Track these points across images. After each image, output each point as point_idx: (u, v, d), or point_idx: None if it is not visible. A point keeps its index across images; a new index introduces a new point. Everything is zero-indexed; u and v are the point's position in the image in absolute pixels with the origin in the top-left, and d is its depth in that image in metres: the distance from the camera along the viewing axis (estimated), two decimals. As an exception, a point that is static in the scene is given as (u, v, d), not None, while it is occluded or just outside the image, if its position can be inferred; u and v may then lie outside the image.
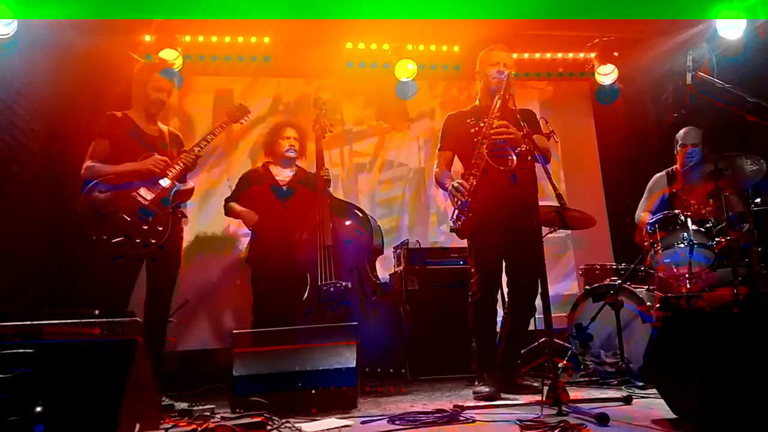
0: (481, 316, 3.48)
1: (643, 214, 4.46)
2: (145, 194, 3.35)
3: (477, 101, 3.74)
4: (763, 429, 2.03)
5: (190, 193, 3.59)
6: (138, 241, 3.26)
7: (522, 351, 3.86)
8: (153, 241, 3.29)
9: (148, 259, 3.39)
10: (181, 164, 3.50)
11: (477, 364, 3.50)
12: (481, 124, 3.47)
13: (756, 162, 3.57)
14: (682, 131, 4.42)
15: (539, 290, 3.36)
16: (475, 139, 3.45)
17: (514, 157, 3.23)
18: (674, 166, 4.46)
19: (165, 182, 3.42)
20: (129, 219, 3.27)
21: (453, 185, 3.41)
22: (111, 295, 3.40)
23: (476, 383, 3.42)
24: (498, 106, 3.40)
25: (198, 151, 3.58)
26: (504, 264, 3.56)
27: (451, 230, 3.51)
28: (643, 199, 4.55)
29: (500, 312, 3.69)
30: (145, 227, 3.29)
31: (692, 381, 2.29)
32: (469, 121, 3.59)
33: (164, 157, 3.45)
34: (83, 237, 3.26)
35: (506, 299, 3.74)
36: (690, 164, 4.21)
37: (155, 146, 3.53)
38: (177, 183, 3.48)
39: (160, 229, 3.32)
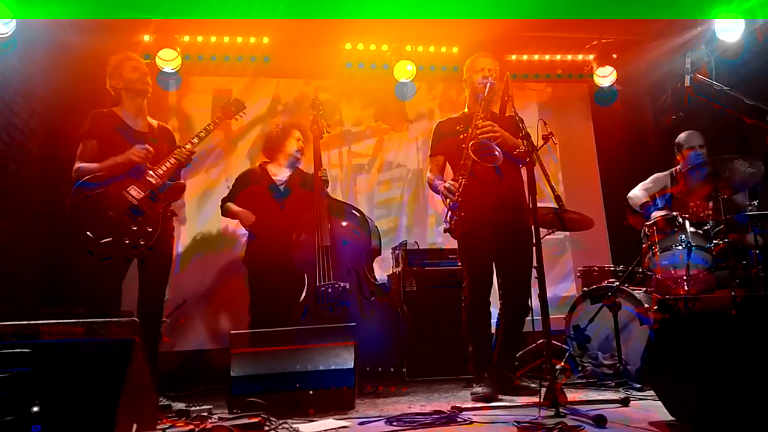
0: (474, 320, 3.49)
1: (639, 193, 4.44)
2: (135, 193, 3.26)
3: (466, 108, 3.77)
4: (761, 431, 2.03)
5: (181, 190, 3.51)
6: (127, 241, 3.17)
7: (520, 352, 3.86)
8: (142, 241, 3.20)
9: (138, 260, 3.32)
10: (174, 160, 3.41)
11: (473, 367, 3.50)
12: (470, 130, 3.51)
13: (754, 164, 3.57)
14: (684, 135, 4.40)
15: (531, 290, 3.39)
16: (464, 145, 3.49)
17: (498, 154, 3.26)
18: (677, 167, 4.45)
19: (154, 180, 3.32)
20: (118, 218, 3.18)
21: (444, 186, 3.47)
22: (97, 294, 3.33)
23: (474, 384, 3.42)
24: (482, 107, 3.46)
25: (191, 147, 3.49)
26: (495, 265, 3.57)
27: (445, 231, 3.54)
28: (643, 182, 4.53)
29: (495, 314, 3.69)
30: (135, 227, 3.20)
31: (690, 383, 2.29)
32: (458, 128, 3.64)
33: (145, 146, 3.33)
34: (75, 234, 3.16)
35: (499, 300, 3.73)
36: (692, 164, 4.21)
37: (144, 142, 3.42)
38: (168, 180, 3.38)
39: (150, 229, 3.24)
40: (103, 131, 3.39)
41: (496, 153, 3.28)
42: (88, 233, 3.11)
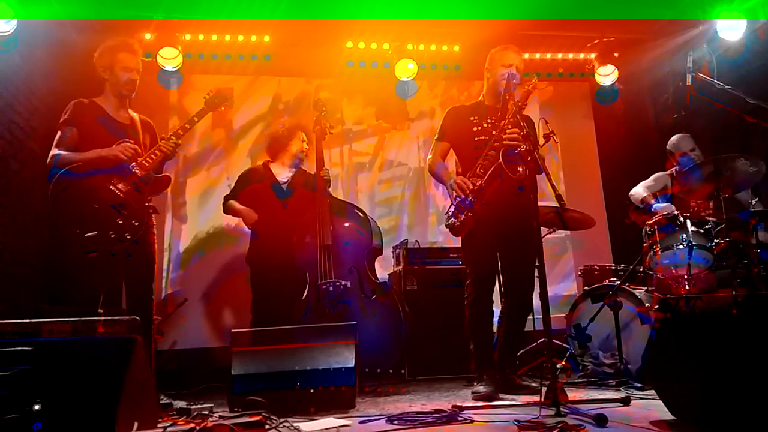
0: (477, 317, 3.47)
1: (641, 190, 4.45)
2: (122, 186, 3.19)
3: (481, 98, 3.68)
4: (762, 431, 2.03)
5: (166, 183, 3.47)
6: (113, 235, 3.11)
7: (521, 351, 3.86)
8: (128, 236, 3.14)
9: (123, 255, 3.22)
10: (159, 152, 3.34)
11: (474, 365, 3.49)
12: (485, 124, 3.46)
13: (755, 163, 3.57)
14: (674, 139, 4.41)
15: (534, 288, 3.36)
16: (476, 138, 3.44)
17: (522, 169, 3.17)
18: (673, 170, 4.46)
19: (139, 172, 3.25)
20: (103, 211, 3.11)
21: (455, 181, 3.38)
22: (85, 292, 3.24)
23: (475, 383, 3.42)
24: (512, 111, 3.28)
25: (176, 138, 3.39)
26: (499, 263, 3.56)
27: (447, 226, 3.48)
28: (645, 180, 4.54)
29: (496, 312, 3.68)
30: (120, 221, 3.14)
31: (691, 382, 2.29)
32: (472, 118, 3.54)
33: (133, 144, 3.28)
34: (57, 226, 3.11)
35: (501, 299, 3.72)
36: (687, 168, 4.21)
37: (126, 134, 3.36)
38: (153, 173, 3.32)
39: (136, 224, 3.18)
40: (85, 121, 3.32)
41: (520, 170, 3.18)
42: (74, 229, 3.06)
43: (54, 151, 3.24)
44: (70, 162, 3.16)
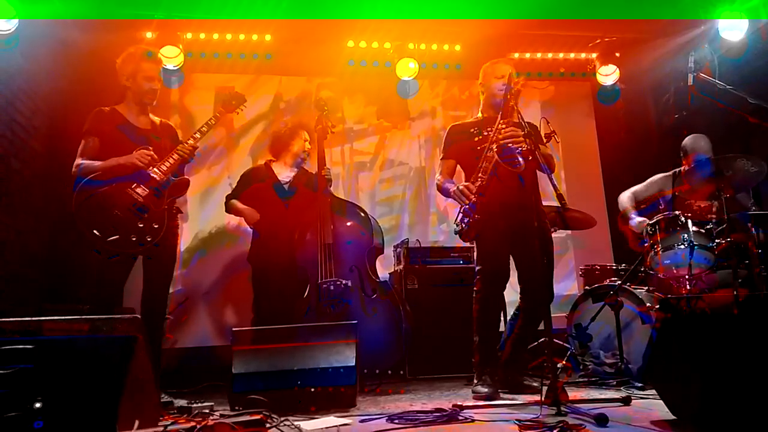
0: (484, 313, 3.48)
1: (625, 199, 4.40)
2: (141, 190, 3.27)
3: (480, 113, 3.74)
4: (762, 431, 2.03)
5: (185, 186, 3.50)
6: (134, 239, 3.19)
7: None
8: (149, 238, 3.22)
9: (144, 257, 3.33)
10: (177, 156, 3.42)
11: (479, 359, 3.48)
12: (485, 133, 3.49)
13: (757, 163, 3.57)
14: (690, 139, 4.35)
15: (553, 296, 3.36)
16: (479, 147, 3.47)
17: (522, 160, 3.22)
18: (681, 168, 4.43)
19: (158, 177, 3.33)
20: (124, 216, 3.20)
21: (458, 187, 3.42)
22: (102, 292, 3.34)
23: (475, 382, 3.42)
24: (510, 111, 3.36)
25: (193, 142, 3.48)
26: (514, 264, 3.56)
27: (456, 233, 3.50)
28: (637, 185, 4.51)
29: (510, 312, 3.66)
30: (141, 224, 3.21)
31: (691, 382, 2.29)
32: (472, 130, 3.60)
33: (150, 151, 3.35)
34: (82, 233, 3.19)
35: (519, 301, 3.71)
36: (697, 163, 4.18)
37: (146, 139, 3.43)
38: (172, 176, 3.38)
39: (156, 226, 3.25)
40: (106, 129, 3.40)
41: (520, 159, 3.22)
42: (94, 232, 3.14)
43: (78, 160, 3.35)
44: (91, 171, 3.27)
